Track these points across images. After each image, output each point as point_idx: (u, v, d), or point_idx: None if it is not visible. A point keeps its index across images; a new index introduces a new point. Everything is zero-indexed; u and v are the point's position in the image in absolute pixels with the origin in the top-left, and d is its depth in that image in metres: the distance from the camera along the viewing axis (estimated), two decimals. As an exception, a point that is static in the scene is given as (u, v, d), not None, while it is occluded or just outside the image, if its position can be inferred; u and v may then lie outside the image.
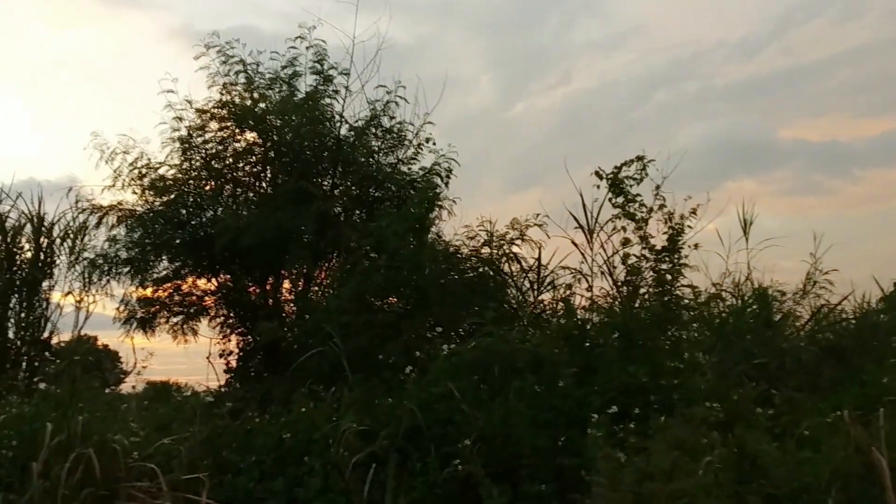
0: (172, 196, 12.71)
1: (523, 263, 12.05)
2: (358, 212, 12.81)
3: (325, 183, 12.48)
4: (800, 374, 8.96)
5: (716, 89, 23.15)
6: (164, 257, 13.06)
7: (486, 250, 12.17)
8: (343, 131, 12.57)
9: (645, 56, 22.63)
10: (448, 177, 12.44)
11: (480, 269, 12.06)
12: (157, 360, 12.75)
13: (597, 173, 8.89)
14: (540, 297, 11.07)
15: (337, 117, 12.35)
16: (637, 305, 8.73)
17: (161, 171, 12.87)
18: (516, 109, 23.63)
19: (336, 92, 12.25)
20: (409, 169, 12.94)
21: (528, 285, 11.44)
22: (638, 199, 8.84)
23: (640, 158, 8.85)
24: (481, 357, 8.28)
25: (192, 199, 12.89)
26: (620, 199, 8.87)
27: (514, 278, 11.89)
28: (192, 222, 12.80)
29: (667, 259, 8.65)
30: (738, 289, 11.46)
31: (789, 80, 20.12)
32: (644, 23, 22.07)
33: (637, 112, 22.87)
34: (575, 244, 10.12)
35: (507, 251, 12.18)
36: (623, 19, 23.59)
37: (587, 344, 8.33)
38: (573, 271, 9.89)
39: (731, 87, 22.31)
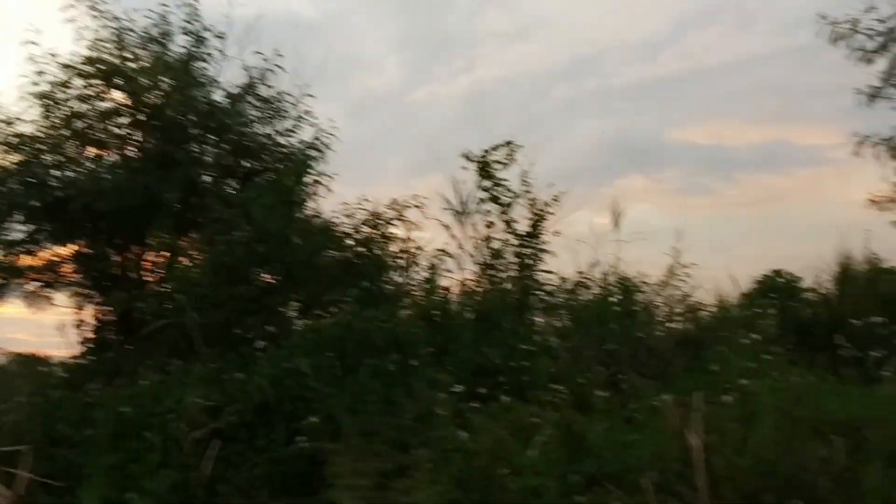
0: (29, 154, 11.90)
1: (399, 245, 11.96)
2: (230, 182, 12.37)
3: (195, 149, 11.97)
4: (652, 362, 9.29)
5: (614, 88, 23.75)
6: (17, 219, 12.22)
7: (365, 229, 12.02)
8: (218, 97, 12.11)
9: (548, 50, 22.99)
10: (325, 152, 12.16)
11: (356, 249, 11.90)
12: (30, 331, 12.01)
13: (465, 156, 8.91)
14: (410, 279, 11.03)
15: (211, 82, 11.87)
16: (497, 289, 8.81)
17: (18, 128, 12.03)
18: (421, 93, 23.53)
19: (210, 55, 11.76)
20: (288, 142, 12.60)
21: (401, 266, 11.37)
22: (505, 183, 8.93)
23: (508, 143, 8.92)
24: (340, 334, 8.16)
25: (50, 159, 12.11)
26: (488, 183, 8.94)
27: (389, 259, 11.80)
28: (50, 184, 12.02)
29: (529, 244, 8.77)
30: (605, 279, 11.80)
31: (684, 84, 21.09)
32: (549, 17, 22.40)
33: (538, 105, 23.20)
34: (447, 227, 10.12)
35: (384, 231, 12.08)
36: (529, 12, 23.78)
37: (445, 324, 8.35)
38: (440, 253, 9.88)
39: (629, 87, 22.98)
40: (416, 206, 11.94)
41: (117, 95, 12.20)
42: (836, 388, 6.91)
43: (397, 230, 12.01)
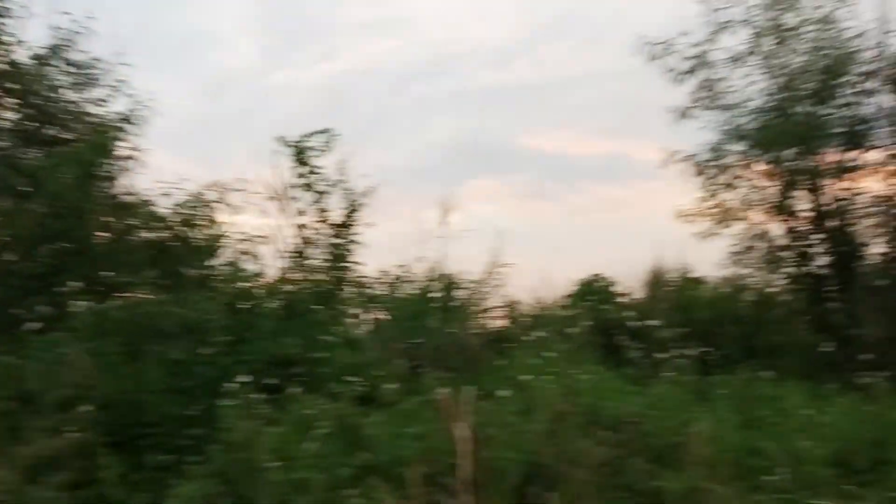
0: None
1: (215, 229, 11.41)
2: (32, 150, 11.32)
3: (-9, 112, 10.86)
4: (458, 357, 9.39)
5: (469, 90, 23.98)
6: None
7: (182, 210, 11.36)
8: (21, 57, 11.05)
9: (408, 46, 22.86)
10: (140, 124, 11.36)
11: (170, 230, 11.23)
12: None
13: (281, 140, 8.61)
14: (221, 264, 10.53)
15: (12, 40, 10.81)
16: (308, 279, 8.58)
17: None
18: (277, 77, 22.65)
19: (10, 10, 10.71)
20: (101, 111, 11.69)
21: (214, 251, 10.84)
22: (320, 171, 8.71)
23: (325, 131, 8.72)
24: (126, 318, 7.63)
25: None
26: (303, 170, 8.68)
27: (203, 243, 11.22)
28: None
29: (342, 235, 8.60)
30: (427, 275, 11.85)
31: (535, 92, 21.71)
32: (411, 14, 22.28)
33: (395, 99, 23.01)
34: (265, 213, 9.75)
35: (201, 214, 11.47)
36: (392, 6, 23.50)
37: (247, 312, 8.02)
38: (254, 239, 9.49)
39: (484, 91, 23.30)
40: (239, 190, 11.48)
41: None
42: (618, 386, 7.26)
43: (216, 214, 11.50)
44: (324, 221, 8.70)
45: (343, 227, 8.67)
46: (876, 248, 12.93)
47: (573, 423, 5.67)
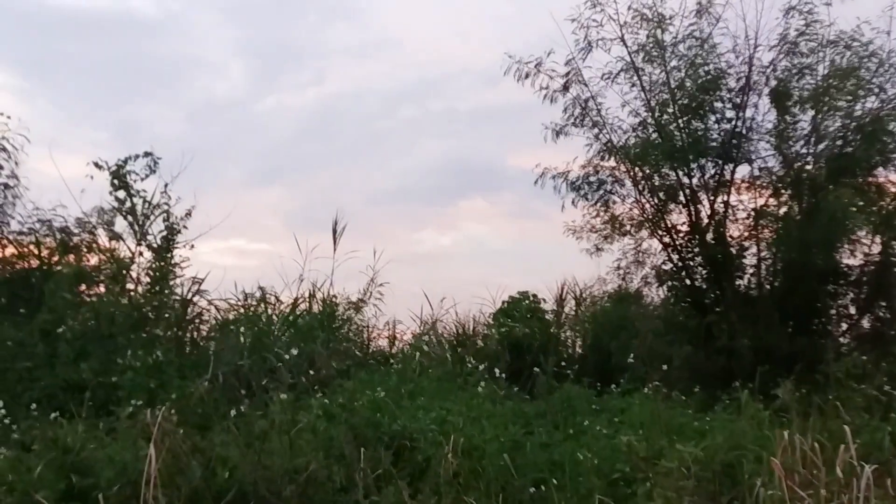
0: None
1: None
2: None
3: None
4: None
5: (458, 111, 24.12)
6: None
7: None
8: None
9: (396, 69, 22.98)
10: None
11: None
12: None
13: (96, 164, 8.58)
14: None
15: None
16: (124, 302, 8.50)
17: None
18: (266, 103, 22.69)
19: None
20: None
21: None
22: (142, 194, 8.68)
23: (147, 154, 8.70)
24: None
25: None
26: (122, 193, 8.64)
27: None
28: None
29: (161, 256, 8.55)
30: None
31: (521, 113, 21.83)
32: (398, 36, 22.46)
33: (384, 122, 23.09)
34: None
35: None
36: (378, 30, 23.65)
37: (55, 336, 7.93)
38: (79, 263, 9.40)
39: (472, 112, 23.45)
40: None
41: None
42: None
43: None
44: (143, 244, 8.64)
45: (161, 250, 8.61)
46: (751, 261, 13.06)
47: (322, 442, 5.63)
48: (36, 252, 9.07)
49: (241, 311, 10.31)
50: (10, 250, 9.56)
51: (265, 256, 20.23)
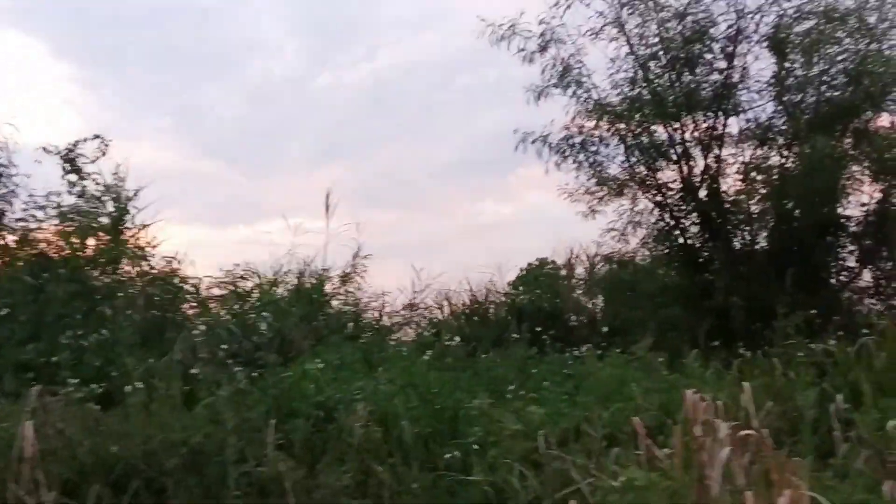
0: None
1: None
2: None
3: None
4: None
5: (514, 78, 23.83)
6: None
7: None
8: None
9: (450, 38, 22.61)
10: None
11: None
12: None
13: (44, 149, 8.68)
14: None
15: None
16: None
17: None
18: (322, 80, 22.72)
19: None
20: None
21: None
22: (93, 176, 8.77)
23: (97, 136, 8.77)
24: None
25: None
26: (74, 177, 8.75)
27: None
28: None
29: (114, 240, 8.64)
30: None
31: None
32: (451, 5, 22.08)
33: (441, 94, 22.85)
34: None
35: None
36: (429, 1, 23.47)
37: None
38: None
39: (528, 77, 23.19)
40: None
41: None
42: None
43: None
44: (96, 226, 8.73)
45: (114, 230, 8.70)
46: (747, 218, 12.57)
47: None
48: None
49: (226, 288, 10.46)
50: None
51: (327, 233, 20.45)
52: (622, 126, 12.69)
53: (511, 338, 10.45)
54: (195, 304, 10.25)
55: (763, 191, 12.27)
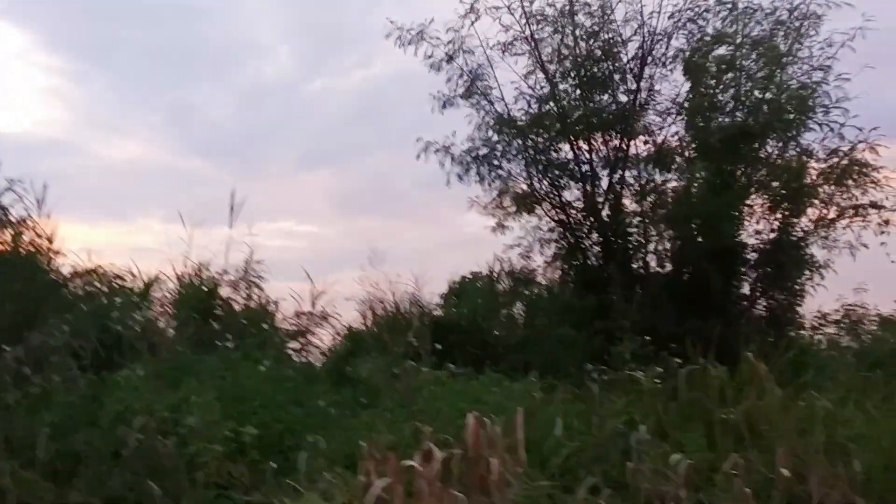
0: None
1: None
2: None
3: None
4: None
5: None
6: None
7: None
8: None
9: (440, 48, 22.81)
10: None
11: None
12: None
13: None
14: None
15: None
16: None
17: None
18: (315, 85, 22.61)
19: None
20: None
21: None
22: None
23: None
24: None
25: None
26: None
27: None
28: None
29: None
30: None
31: None
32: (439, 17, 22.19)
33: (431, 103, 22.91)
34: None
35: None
36: (424, 11, 23.36)
37: None
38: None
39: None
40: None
41: None
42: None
43: None
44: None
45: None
46: (647, 239, 12.42)
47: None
48: None
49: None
50: None
51: (312, 238, 20.39)
52: (527, 142, 12.52)
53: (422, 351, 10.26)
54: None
55: (661, 214, 12.09)
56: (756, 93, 11.84)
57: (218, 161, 22.59)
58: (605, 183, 12.51)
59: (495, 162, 12.58)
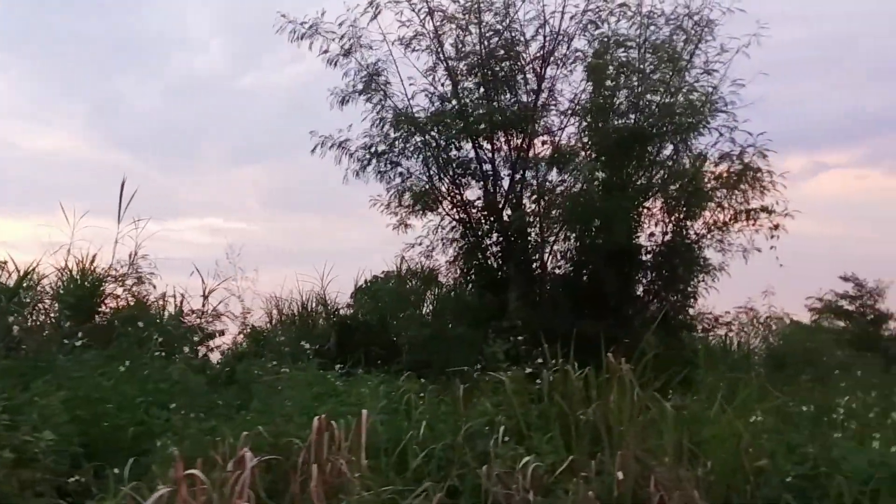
0: None
1: None
2: None
3: None
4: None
5: None
6: None
7: None
8: None
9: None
10: None
11: None
12: None
13: None
14: None
15: None
16: None
17: None
18: (246, 80, 21.68)
19: None
20: None
21: None
22: None
23: None
24: None
25: None
26: None
27: None
28: None
29: None
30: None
31: None
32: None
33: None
34: None
35: None
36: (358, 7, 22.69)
37: None
38: None
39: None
40: None
41: None
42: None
43: None
44: None
45: None
46: (544, 239, 12.41)
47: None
48: None
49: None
50: None
51: (241, 235, 20.40)
52: (426, 138, 12.34)
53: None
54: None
55: (556, 214, 12.11)
56: (650, 95, 11.95)
57: (144, 155, 22.27)
58: (506, 183, 12.44)
59: (394, 159, 12.35)
